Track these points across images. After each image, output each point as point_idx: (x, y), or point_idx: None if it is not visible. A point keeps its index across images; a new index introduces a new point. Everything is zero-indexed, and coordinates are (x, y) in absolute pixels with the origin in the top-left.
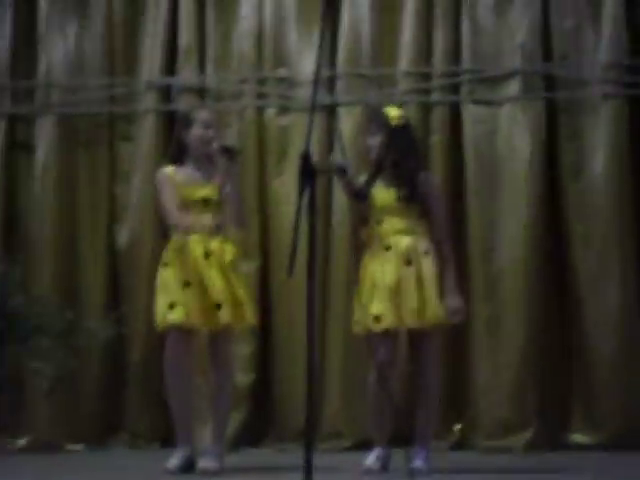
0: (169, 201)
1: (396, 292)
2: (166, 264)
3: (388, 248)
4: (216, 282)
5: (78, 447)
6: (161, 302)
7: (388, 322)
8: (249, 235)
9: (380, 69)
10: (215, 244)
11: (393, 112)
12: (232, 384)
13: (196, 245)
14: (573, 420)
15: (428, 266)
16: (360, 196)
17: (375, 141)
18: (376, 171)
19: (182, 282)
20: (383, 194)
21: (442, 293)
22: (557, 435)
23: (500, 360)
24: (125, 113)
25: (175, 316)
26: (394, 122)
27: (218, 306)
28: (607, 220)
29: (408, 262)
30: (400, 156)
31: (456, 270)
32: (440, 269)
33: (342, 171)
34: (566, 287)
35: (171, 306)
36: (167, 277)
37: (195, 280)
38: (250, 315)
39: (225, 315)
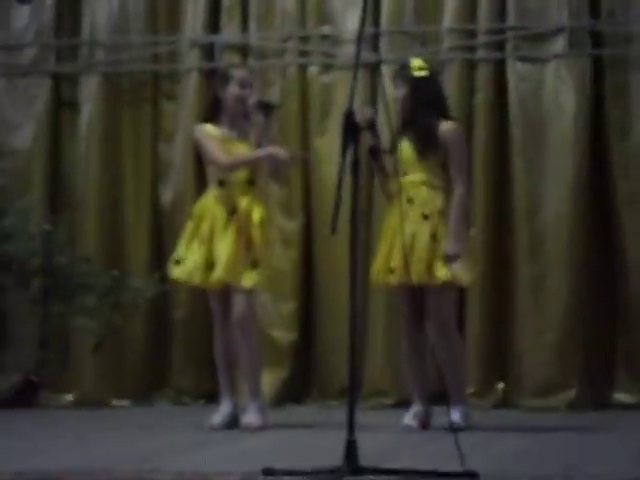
0: (215, 147)
1: (410, 247)
2: (191, 217)
3: (410, 200)
4: (221, 242)
5: (124, 403)
6: (174, 254)
7: (401, 276)
8: (292, 193)
9: (424, 26)
10: (244, 202)
11: (416, 63)
12: (254, 343)
13: (225, 202)
14: (617, 379)
15: (443, 226)
16: (372, 152)
17: (400, 94)
18: (402, 124)
19: (197, 238)
20: (406, 147)
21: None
22: (601, 394)
23: (544, 319)
24: (169, 71)
25: (177, 272)
26: (416, 74)
27: (213, 265)
28: None
29: (425, 217)
30: (419, 108)
31: (462, 218)
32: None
33: (371, 124)
34: (611, 245)
35: (177, 261)
36: (187, 230)
37: (208, 238)
38: (262, 276)
39: (215, 276)
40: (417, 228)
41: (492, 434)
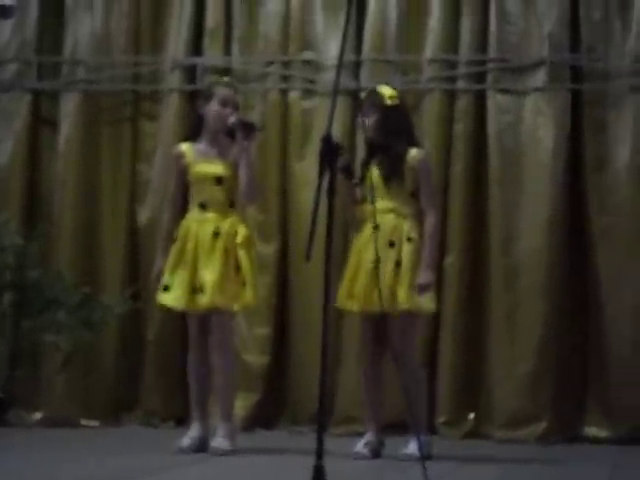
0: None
1: (374, 274)
2: (174, 240)
3: (376, 227)
4: (207, 265)
5: (93, 423)
6: (163, 280)
7: (364, 303)
8: (268, 217)
9: (405, 55)
10: (227, 224)
11: (387, 91)
12: (231, 366)
13: (207, 224)
14: (588, 413)
15: (408, 252)
16: (345, 170)
17: (370, 121)
18: (370, 150)
19: (181, 263)
20: (375, 174)
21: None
22: (571, 428)
23: (517, 351)
24: (150, 92)
25: (165, 299)
26: (387, 102)
27: (201, 289)
28: (629, 214)
29: (391, 244)
30: (388, 137)
31: (435, 248)
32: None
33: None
34: (586, 280)
35: (165, 288)
36: (172, 254)
37: (192, 261)
38: (249, 297)
39: (204, 299)
40: (382, 255)
41: (461, 464)
